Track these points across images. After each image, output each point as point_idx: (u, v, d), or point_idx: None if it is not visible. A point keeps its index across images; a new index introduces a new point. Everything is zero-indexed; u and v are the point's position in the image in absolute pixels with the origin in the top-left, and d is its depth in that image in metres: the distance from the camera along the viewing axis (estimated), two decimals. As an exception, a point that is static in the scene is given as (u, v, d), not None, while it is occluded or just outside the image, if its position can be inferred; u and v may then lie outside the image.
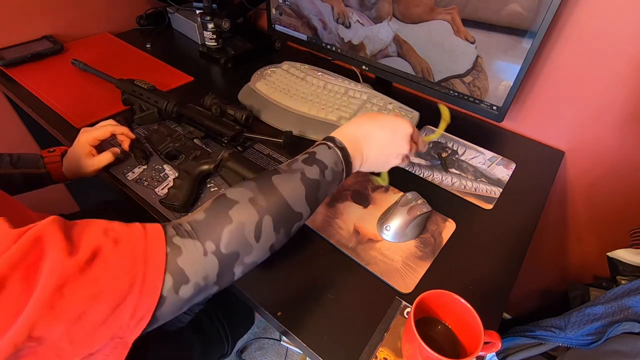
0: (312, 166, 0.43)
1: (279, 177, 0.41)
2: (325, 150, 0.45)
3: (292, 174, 0.42)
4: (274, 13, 0.92)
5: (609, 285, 0.73)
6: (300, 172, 0.42)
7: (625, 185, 0.76)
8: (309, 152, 0.45)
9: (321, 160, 0.44)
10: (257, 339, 1.21)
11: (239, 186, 0.40)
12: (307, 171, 0.42)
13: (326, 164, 0.44)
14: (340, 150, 0.45)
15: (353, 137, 0.47)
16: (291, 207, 0.40)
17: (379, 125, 0.49)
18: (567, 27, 0.67)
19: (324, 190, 0.44)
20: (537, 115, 0.79)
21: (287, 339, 0.96)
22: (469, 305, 0.40)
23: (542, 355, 0.68)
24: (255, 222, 0.37)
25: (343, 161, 0.45)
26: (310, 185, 0.42)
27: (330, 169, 0.44)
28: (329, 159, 0.44)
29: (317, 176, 0.43)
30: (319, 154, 0.44)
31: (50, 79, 0.85)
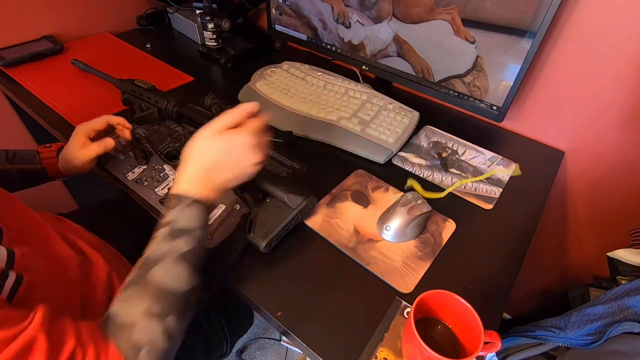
0: (178, 239, 0.41)
1: (158, 271, 0.39)
2: (181, 213, 0.42)
3: (166, 260, 0.40)
4: (274, 13, 0.92)
5: (609, 285, 0.73)
6: (171, 254, 0.40)
7: (625, 185, 0.76)
8: (168, 222, 0.42)
9: (183, 228, 0.42)
10: (257, 339, 1.21)
11: (126, 300, 0.38)
12: (177, 248, 0.41)
13: (191, 227, 0.42)
14: (195, 204, 0.43)
15: (200, 177, 0.44)
16: (185, 290, 0.40)
17: (216, 150, 0.44)
18: (567, 27, 0.67)
19: (202, 250, 0.43)
20: (537, 115, 0.79)
21: (287, 339, 0.96)
22: (469, 305, 0.40)
23: (542, 355, 0.68)
24: (161, 332, 0.37)
25: (205, 210, 0.43)
26: (189, 259, 0.41)
27: (198, 227, 0.42)
28: (189, 221, 0.42)
29: (189, 245, 0.41)
30: (179, 222, 0.42)
31: (50, 79, 0.85)
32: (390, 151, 0.69)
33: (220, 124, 0.45)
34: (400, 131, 0.72)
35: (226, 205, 0.60)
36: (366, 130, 0.72)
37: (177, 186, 0.44)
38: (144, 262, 0.41)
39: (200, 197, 0.43)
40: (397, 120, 0.74)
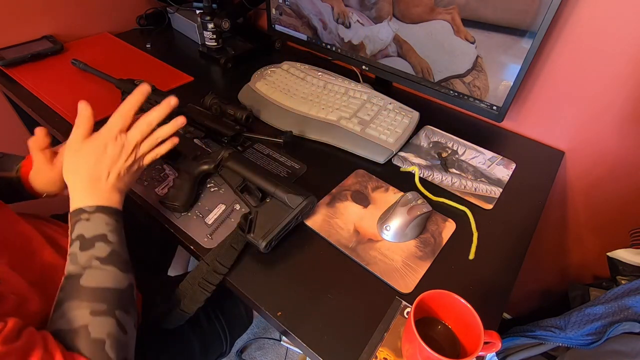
0: (94, 246, 0.41)
1: (87, 278, 0.40)
2: (86, 224, 0.42)
3: (91, 268, 0.40)
4: (274, 13, 0.92)
5: (609, 285, 0.73)
6: (95, 260, 0.41)
7: (625, 185, 0.76)
8: (78, 237, 0.42)
9: (95, 235, 0.42)
10: (257, 339, 1.21)
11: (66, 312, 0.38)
12: (97, 253, 0.41)
13: (102, 233, 0.42)
14: (97, 211, 0.43)
15: (86, 188, 0.44)
16: (121, 289, 0.41)
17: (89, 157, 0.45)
18: (567, 27, 0.67)
19: (122, 250, 0.44)
20: (537, 115, 0.79)
21: (287, 339, 0.96)
22: (469, 305, 0.40)
23: (542, 355, 0.68)
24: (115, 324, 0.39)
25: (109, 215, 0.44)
26: (113, 260, 0.42)
27: (109, 231, 0.43)
28: (98, 228, 0.43)
29: (108, 249, 0.42)
30: (88, 232, 0.42)
31: (50, 79, 0.85)
32: (390, 151, 0.69)
33: (79, 132, 0.45)
34: (400, 131, 0.72)
35: (226, 205, 0.60)
36: (366, 130, 0.72)
37: (72, 204, 0.44)
38: (66, 281, 0.40)
39: (98, 204, 0.44)
40: (397, 120, 0.74)
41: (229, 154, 0.60)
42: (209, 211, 0.59)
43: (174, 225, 0.57)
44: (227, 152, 0.61)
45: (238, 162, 0.59)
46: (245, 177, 0.58)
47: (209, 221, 0.57)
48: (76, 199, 0.44)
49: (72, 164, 0.45)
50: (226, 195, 0.62)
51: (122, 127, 0.46)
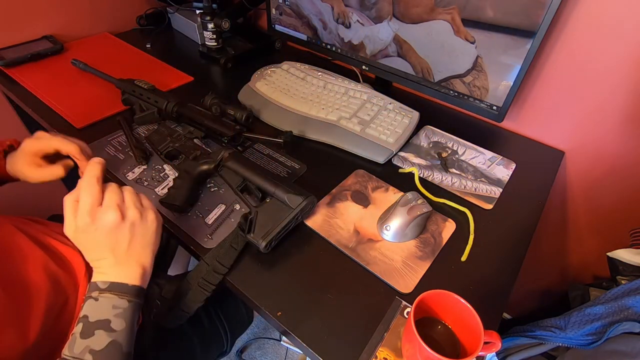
0: (94, 335, 0.37)
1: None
2: (93, 306, 0.39)
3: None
4: (274, 13, 0.92)
5: (609, 285, 0.73)
6: (87, 353, 0.37)
7: (625, 185, 0.76)
8: (82, 318, 0.38)
9: (98, 321, 0.38)
10: (257, 339, 1.21)
11: None
12: (92, 345, 0.37)
13: (106, 318, 0.38)
14: (108, 290, 0.39)
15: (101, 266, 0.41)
16: None
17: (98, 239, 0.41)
18: (567, 27, 0.67)
19: (127, 340, 0.39)
20: (537, 115, 0.79)
21: (287, 339, 0.96)
22: (469, 305, 0.40)
23: (542, 355, 0.68)
24: None
25: (123, 295, 0.40)
26: (108, 355, 0.37)
27: (114, 316, 0.38)
28: (103, 312, 0.38)
29: (106, 340, 0.37)
30: (92, 315, 0.38)
31: (50, 79, 0.85)
32: (390, 151, 0.69)
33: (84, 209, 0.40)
34: (400, 131, 0.72)
35: (226, 205, 0.60)
36: (366, 130, 0.72)
37: (95, 273, 0.41)
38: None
39: (112, 280, 0.40)
40: (397, 120, 0.74)
41: (229, 154, 0.60)
42: (209, 211, 0.59)
43: (174, 225, 0.57)
44: (227, 152, 0.61)
45: (238, 162, 0.59)
46: (245, 177, 0.58)
47: (209, 221, 0.57)
48: (95, 270, 0.42)
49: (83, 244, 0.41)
50: (226, 195, 0.62)
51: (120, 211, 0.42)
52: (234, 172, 0.59)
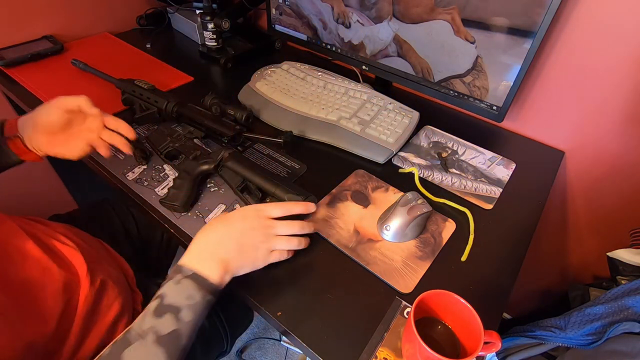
0: (162, 317, 0.38)
1: (131, 352, 0.37)
2: (172, 289, 0.40)
3: (144, 341, 0.37)
4: (274, 13, 0.92)
5: (609, 285, 0.73)
6: (152, 333, 0.37)
7: (625, 185, 0.76)
8: (159, 296, 0.40)
9: (171, 305, 0.39)
10: (257, 339, 1.21)
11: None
12: (159, 327, 0.38)
13: (177, 305, 0.39)
14: (191, 278, 0.41)
15: (204, 250, 0.44)
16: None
17: (227, 222, 0.45)
18: (567, 27, 0.67)
19: (188, 334, 0.40)
20: (537, 115, 0.79)
21: (287, 339, 0.96)
22: (469, 305, 0.40)
23: (542, 355, 0.68)
24: None
25: (200, 288, 0.41)
26: (167, 343, 0.38)
27: (186, 306, 0.39)
28: (179, 298, 0.40)
29: (172, 326, 0.38)
30: (168, 297, 0.40)
31: (50, 79, 0.85)
32: (390, 151, 0.69)
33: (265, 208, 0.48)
34: (400, 131, 0.72)
35: (226, 205, 0.60)
36: (366, 130, 0.72)
37: (184, 256, 0.43)
38: (122, 337, 0.38)
39: (198, 270, 0.42)
40: (397, 120, 0.74)
41: (229, 154, 0.60)
42: (209, 211, 0.59)
43: (174, 225, 0.57)
44: (227, 152, 0.61)
45: (238, 162, 0.59)
46: (245, 177, 0.58)
47: (209, 221, 0.57)
48: (186, 256, 0.43)
49: (219, 220, 0.47)
50: (226, 195, 0.62)
51: (272, 214, 0.48)
52: (234, 172, 0.59)
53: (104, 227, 0.71)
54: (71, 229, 0.60)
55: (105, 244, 0.64)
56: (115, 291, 0.54)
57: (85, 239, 0.59)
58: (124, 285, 0.58)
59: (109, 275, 0.55)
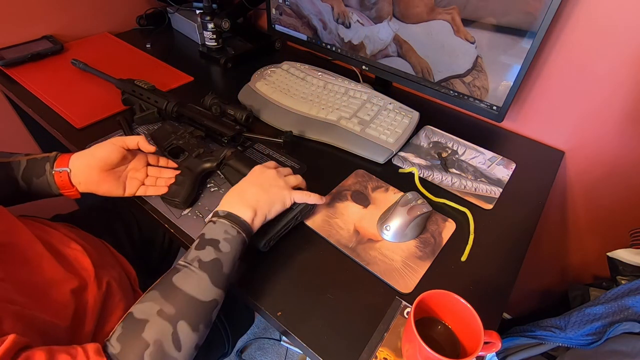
0: (204, 249, 0.44)
1: (179, 276, 0.41)
2: (211, 227, 0.46)
3: (189, 268, 0.42)
4: (274, 13, 0.92)
5: (609, 285, 0.73)
6: (196, 261, 0.42)
7: (625, 185, 0.76)
8: (200, 236, 0.46)
9: (211, 238, 0.45)
10: (257, 339, 1.21)
11: (145, 300, 0.40)
12: (202, 256, 0.43)
13: (216, 238, 0.45)
14: (225, 217, 0.46)
15: (234, 198, 0.50)
16: (201, 300, 0.41)
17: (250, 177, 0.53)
18: (567, 27, 0.67)
19: (228, 264, 0.44)
20: (537, 115, 0.79)
21: (287, 339, 0.96)
22: (469, 305, 0.40)
23: (542, 355, 0.68)
24: (171, 334, 0.38)
25: (234, 224, 0.46)
26: (211, 268, 0.42)
27: (224, 239, 0.45)
28: (217, 233, 0.45)
29: (213, 255, 0.43)
30: (207, 234, 0.45)
31: (50, 79, 0.85)
32: (390, 151, 0.69)
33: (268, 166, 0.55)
34: (400, 131, 0.72)
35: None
36: (366, 130, 0.72)
37: (216, 208, 0.49)
38: (171, 270, 0.43)
39: (231, 211, 0.47)
40: (397, 120, 0.74)
41: (232, 152, 0.60)
42: (209, 211, 0.59)
43: (174, 225, 0.57)
44: (230, 150, 0.61)
45: (240, 161, 0.59)
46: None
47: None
48: (221, 204, 0.49)
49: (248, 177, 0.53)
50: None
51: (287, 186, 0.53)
52: (236, 170, 0.59)
53: (105, 228, 0.71)
54: (75, 231, 0.60)
55: (108, 244, 0.64)
56: (119, 294, 0.54)
57: (90, 240, 0.59)
58: (127, 287, 0.59)
59: (114, 277, 0.55)
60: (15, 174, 0.54)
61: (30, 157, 0.56)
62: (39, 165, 0.54)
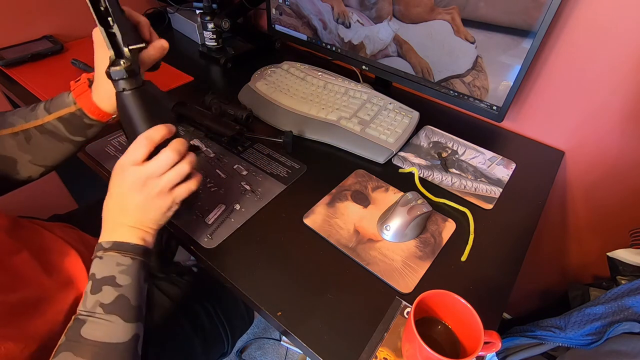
0: (102, 290, 0.39)
1: (87, 328, 0.38)
2: (99, 264, 0.40)
3: (94, 316, 0.38)
4: (274, 13, 0.92)
5: (609, 285, 0.73)
6: (98, 306, 0.38)
7: (625, 185, 0.76)
8: (90, 277, 0.40)
9: (103, 277, 0.40)
10: (257, 339, 1.21)
11: None
12: (102, 299, 0.39)
13: (111, 275, 0.40)
14: (112, 249, 0.41)
15: (112, 222, 0.42)
16: (120, 342, 0.38)
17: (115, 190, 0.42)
18: (567, 27, 0.67)
19: (135, 294, 0.40)
20: (537, 115, 0.79)
21: (287, 339, 0.96)
22: (469, 305, 0.40)
23: (542, 355, 0.68)
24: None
25: (125, 253, 0.41)
26: (118, 308, 0.39)
27: (119, 272, 0.40)
28: (108, 269, 0.40)
29: (114, 294, 0.39)
30: (98, 273, 0.40)
31: (50, 79, 0.85)
32: (390, 151, 0.69)
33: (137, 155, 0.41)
34: (400, 131, 0.72)
35: (226, 205, 0.60)
36: (366, 130, 0.72)
37: (98, 240, 0.42)
38: (72, 324, 0.39)
39: (115, 239, 0.41)
40: (397, 120, 0.74)
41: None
42: (208, 211, 0.59)
43: (173, 225, 0.57)
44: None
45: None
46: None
47: (209, 221, 0.57)
48: (102, 232, 0.43)
49: (112, 185, 0.43)
50: (226, 195, 0.62)
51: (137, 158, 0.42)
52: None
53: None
54: (73, 232, 0.60)
55: None
56: None
57: (87, 243, 0.59)
58: None
59: None
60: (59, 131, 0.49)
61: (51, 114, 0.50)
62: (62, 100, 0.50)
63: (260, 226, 0.57)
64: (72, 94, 0.49)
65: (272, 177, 0.65)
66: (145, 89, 0.43)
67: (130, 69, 0.42)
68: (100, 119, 0.51)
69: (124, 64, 0.41)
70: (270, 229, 0.57)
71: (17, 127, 0.49)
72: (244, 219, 0.58)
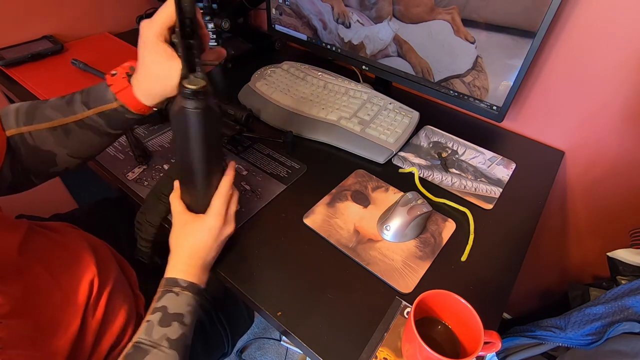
0: (171, 325, 0.42)
1: (151, 358, 0.40)
2: (174, 300, 0.44)
3: (159, 349, 0.40)
4: (274, 13, 0.92)
5: (609, 285, 0.73)
6: (165, 340, 0.41)
7: (625, 185, 0.76)
8: (161, 309, 0.43)
9: (175, 313, 0.43)
10: (257, 339, 1.21)
11: None
12: (169, 334, 0.42)
13: (180, 312, 0.43)
14: (188, 289, 0.45)
15: (189, 260, 0.47)
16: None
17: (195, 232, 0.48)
18: (567, 27, 0.67)
19: (190, 335, 0.44)
20: (537, 115, 0.79)
21: (287, 339, 0.96)
22: (469, 305, 0.40)
23: (542, 355, 0.68)
24: None
25: (196, 296, 0.45)
26: (181, 346, 0.42)
27: (187, 312, 0.44)
28: (180, 306, 0.44)
29: (180, 331, 0.42)
30: (170, 308, 0.43)
31: (50, 79, 0.85)
32: (390, 151, 0.69)
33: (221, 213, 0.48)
34: (400, 131, 0.72)
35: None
36: (366, 130, 0.72)
37: (170, 271, 0.46)
38: (132, 351, 0.40)
39: (193, 281, 0.46)
40: (397, 120, 0.74)
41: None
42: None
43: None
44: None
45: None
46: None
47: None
48: (175, 268, 0.46)
49: (182, 234, 0.48)
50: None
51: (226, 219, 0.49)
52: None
53: (104, 228, 0.71)
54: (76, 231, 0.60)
55: (109, 245, 0.64)
56: (120, 298, 0.55)
57: (92, 242, 0.59)
58: (128, 290, 0.59)
59: (116, 281, 0.55)
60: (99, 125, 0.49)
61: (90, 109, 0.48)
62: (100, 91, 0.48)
63: (260, 226, 0.57)
64: (112, 89, 0.47)
65: (272, 177, 0.65)
66: (212, 109, 0.41)
67: (208, 90, 0.40)
68: (142, 112, 0.50)
69: (200, 84, 0.39)
70: (270, 229, 0.57)
71: (56, 121, 0.48)
72: (244, 219, 0.58)
